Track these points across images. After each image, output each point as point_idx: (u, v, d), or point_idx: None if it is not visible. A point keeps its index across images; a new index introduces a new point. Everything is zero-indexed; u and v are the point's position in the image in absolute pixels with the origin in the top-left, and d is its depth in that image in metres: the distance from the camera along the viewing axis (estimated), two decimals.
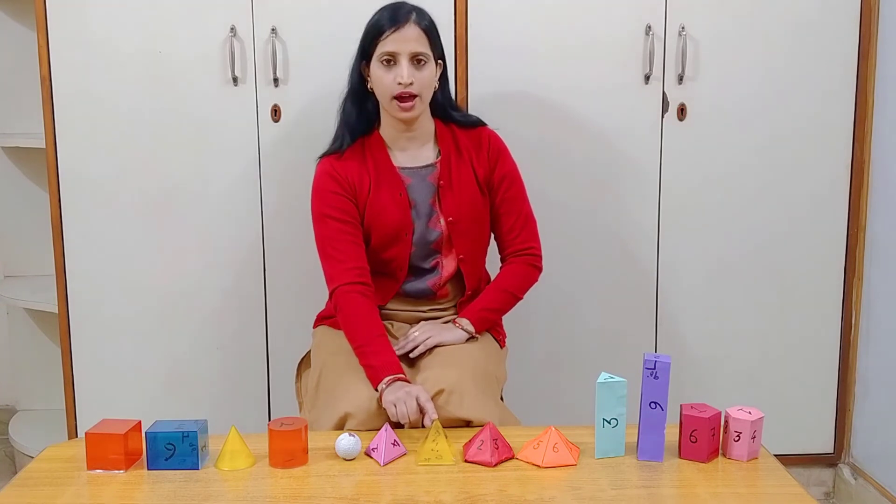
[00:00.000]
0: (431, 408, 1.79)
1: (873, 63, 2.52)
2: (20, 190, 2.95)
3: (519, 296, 2.12)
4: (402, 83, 1.95)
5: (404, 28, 1.96)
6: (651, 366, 1.64)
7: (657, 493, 1.57)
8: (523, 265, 2.12)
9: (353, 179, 2.04)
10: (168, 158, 2.45)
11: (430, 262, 2.10)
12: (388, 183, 2.05)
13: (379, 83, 2.00)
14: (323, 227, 2.04)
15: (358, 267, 2.01)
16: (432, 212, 2.08)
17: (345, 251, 2.01)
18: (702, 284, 2.60)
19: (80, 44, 2.39)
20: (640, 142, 2.52)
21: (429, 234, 2.07)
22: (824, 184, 2.58)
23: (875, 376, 2.59)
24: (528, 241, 2.12)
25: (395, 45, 1.96)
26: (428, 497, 1.54)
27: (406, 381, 1.87)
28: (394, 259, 2.07)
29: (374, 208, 2.04)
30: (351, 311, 1.97)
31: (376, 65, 1.99)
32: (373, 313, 1.98)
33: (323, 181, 2.05)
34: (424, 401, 1.80)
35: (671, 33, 2.46)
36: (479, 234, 2.12)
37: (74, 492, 1.58)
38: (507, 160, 2.12)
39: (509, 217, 2.11)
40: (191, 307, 2.52)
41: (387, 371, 1.87)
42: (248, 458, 1.67)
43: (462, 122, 2.13)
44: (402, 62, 1.96)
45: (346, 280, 1.99)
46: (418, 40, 1.98)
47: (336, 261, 2.01)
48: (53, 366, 2.70)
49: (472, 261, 2.12)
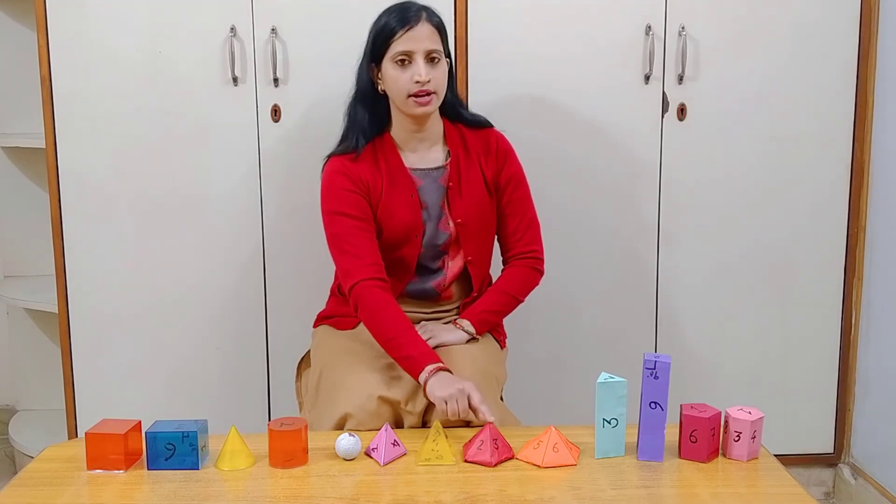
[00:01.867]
0: (487, 410, 1.76)
1: (873, 63, 2.52)
2: (20, 190, 2.95)
3: (520, 298, 2.12)
4: (421, 81, 1.95)
5: (417, 27, 1.96)
6: (651, 366, 1.64)
7: (657, 493, 1.57)
8: (525, 268, 2.11)
9: (366, 179, 2.03)
10: (168, 158, 2.45)
11: (436, 263, 2.10)
12: (400, 184, 2.05)
13: (394, 83, 1.98)
14: (336, 225, 2.01)
15: (376, 263, 1.99)
16: (442, 213, 2.07)
17: (362, 246, 1.99)
18: (702, 284, 2.60)
19: (80, 44, 2.39)
20: (640, 142, 2.52)
21: (438, 235, 2.07)
22: (824, 184, 2.58)
23: (875, 376, 2.59)
24: (531, 244, 2.12)
25: (410, 44, 1.96)
26: (428, 497, 1.54)
27: (449, 371, 1.85)
28: (402, 260, 2.06)
29: (386, 209, 2.04)
30: (376, 306, 1.94)
31: (390, 65, 1.98)
32: (397, 307, 1.96)
33: (335, 179, 2.03)
34: (478, 401, 1.77)
35: (671, 33, 2.46)
36: (486, 235, 2.12)
37: (74, 492, 1.58)
38: (513, 162, 2.12)
39: (514, 219, 2.11)
40: (191, 307, 2.52)
41: (427, 360, 1.84)
42: (248, 458, 1.67)
43: (470, 122, 2.12)
44: (418, 60, 1.95)
45: (365, 275, 1.96)
46: (431, 38, 1.97)
47: (353, 256, 1.98)
48: (53, 366, 2.70)
49: (480, 262, 2.12)
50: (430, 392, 1.81)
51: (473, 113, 2.16)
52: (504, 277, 2.11)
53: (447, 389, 1.78)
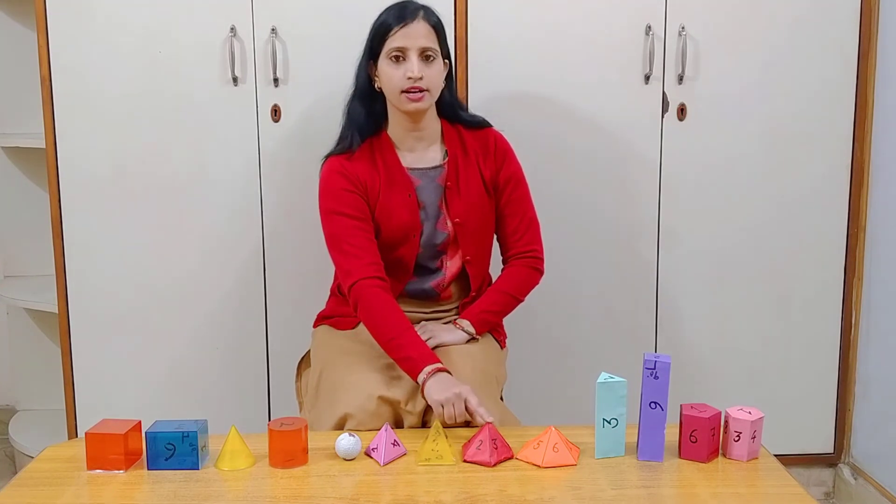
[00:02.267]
0: (485, 412, 1.76)
1: (873, 63, 2.52)
2: (20, 190, 2.95)
3: (520, 298, 2.11)
4: (413, 77, 1.95)
5: (413, 24, 1.96)
6: (651, 366, 1.64)
7: (657, 493, 1.57)
8: (525, 268, 2.11)
9: (363, 179, 2.03)
10: (168, 158, 2.45)
11: (434, 263, 2.10)
12: (398, 184, 2.05)
13: (388, 79, 1.99)
14: (334, 224, 2.01)
15: (375, 262, 1.99)
16: (440, 213, 2.07)
17: (361, 246, 1.99)
18: (702, 284, 2.60)
19: (80, 44, 2.39)
20: (640, 142, 2.52)
21: (436, 235, 2.07)
22: (824, 183, 2.58)
23: (875, 376, 2.59)
24: (530, 243, 2.12)
25: (404, 40, 1.96)
26: (428, 497, 1.54)
27: (448, 372, 1.85)
28: (400, 259, 2.06)
29: (384, 209, 2.04)
30: (375, 306, 1.94)
31: (385, 61, 1.99)
32: (397, 307, 1.96)
33: (333, 179, 2.03)
34: (475, 405, 1.77)
35: (671, 33, 2.46)
36: (484, 235, 2.12)
37: (74, 492, 1.58)
38: (512, 162, 2.12)
39: (513, 219, 2.11)
40: (191, 307, 2.52)
41: (426, 361, 1.85)
42: (248, 458, 1.67)
43: (469, 122, 2.12)
44: (412, 57, 1.96)
45: (365, 275, 1.96)
46: (427, 36, 1.98)
47: (353, 256, 1.98)
48: (53, 366, 2.70)
49: (478, 262, 2.12)
50: (427, 395, 1.81)
51: (472, 114, 2.17)
52: (504, 277, 2.11)
53: (444, 393, 1.78)
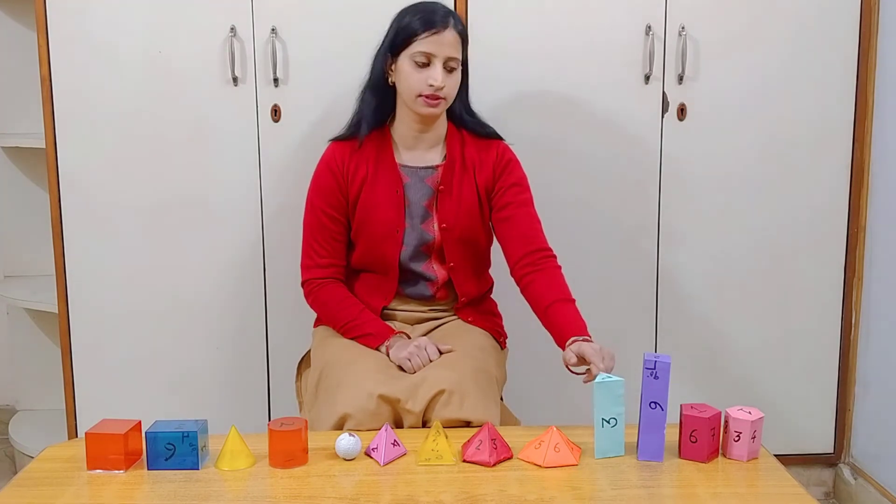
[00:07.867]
0: (434, 349, 1.94)
1: (873, 63, 2.52)
2: (20, 190, 2.95)
3: (574, 299, 2.03)
4: (435, 86, 1.96)
5: (444, 32, 1.96)
6: (651, 366, 1.64)
7: (657, 493, 1.57)
8: (553, 269, 2.04)
9: (350, 172, 2.06)
10: (168, 158, 2.45)
11: (423, 265, 2.10)
12: (386, 178, 2.06)
13: (406, 80, 1.99)
14: (310, 215, 2.11)
15: (334, 264, 2.10)
16: (427, 214, 2.08)
17: (326, 245, 2.09)
18: (702, 284, 2.60)
19: (80, 44, 2.39)
20: (640, 142, 2.52)
21: (421, 236, 2.08)
22: (824, 184, 2.58)
23: (875, 376, 2.59)
24: (544, 243, 2.07)
25: (433, 47, 1.96)
26: (428, 497, 1.54)
27: (407, 336, 2.01)
28: (385, 257, 2.07)
29: (368, 200, 2.05)
30: (326, 298, 2.08)
31: (407, 62, 1.98)
32: (347, 293, 2.09)
33: (324, 175, 2.09)
34: (433, 352, 1.94)
35: (671, 33, 2.46)
36: (472, 244, 2.11)
37: (74, 492, 1.58)
38: (516, 170, 2.10)
39: (523, 220, 2.07)
40: (191, 307, 2.52)
41: (386, 333, 2.00)
42: (248, 458, 1.67)
43: (476, 130, 2.12)
44: (437, 65, 1.96)
45: (318, 275, 2.09)
46: (454, 45, 1.98)
47: (315, 253, 2.10)
48: (53, 366, 2.70)
49: (463, 270, 2.11)
50: (393, 356, 1.95)
51: (484, 123, 2.15)
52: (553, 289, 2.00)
53: (406, 349, 1.93)
